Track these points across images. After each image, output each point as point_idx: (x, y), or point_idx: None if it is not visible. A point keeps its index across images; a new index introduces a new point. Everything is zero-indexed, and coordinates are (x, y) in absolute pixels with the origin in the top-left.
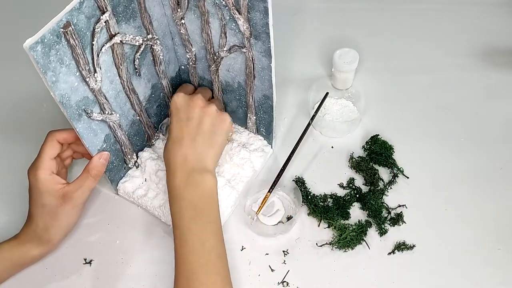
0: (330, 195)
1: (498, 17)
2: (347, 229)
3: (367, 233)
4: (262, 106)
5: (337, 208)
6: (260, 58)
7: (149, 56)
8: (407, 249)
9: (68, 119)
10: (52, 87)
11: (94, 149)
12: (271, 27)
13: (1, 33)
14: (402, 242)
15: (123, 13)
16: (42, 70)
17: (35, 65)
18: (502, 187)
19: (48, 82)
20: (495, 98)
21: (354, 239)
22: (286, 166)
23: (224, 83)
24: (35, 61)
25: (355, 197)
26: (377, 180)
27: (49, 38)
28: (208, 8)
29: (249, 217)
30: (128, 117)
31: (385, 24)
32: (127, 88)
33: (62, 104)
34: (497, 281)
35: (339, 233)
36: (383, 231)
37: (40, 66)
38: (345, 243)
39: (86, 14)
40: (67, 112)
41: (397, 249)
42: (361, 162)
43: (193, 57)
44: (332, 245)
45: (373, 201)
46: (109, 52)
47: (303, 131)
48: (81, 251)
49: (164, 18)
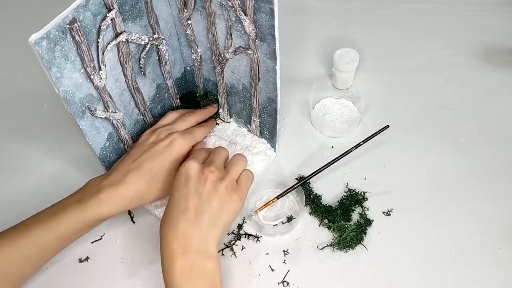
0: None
1: (498, 17)
2: (347, 229)
3: (366, 232)
4: (266, 109)
5: (340, 209)
6: (265, 60)
7: (154, 55)
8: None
9: (72, 116)
10: (56, 83)
11: (97, 147)
12: (277, 29)
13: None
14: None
15: (130, 12)
16: (47, 66)
17: (40, 60)
18: (502, 187)
19: (53, 78)
20: (495, 98)
21: (355, 239)
22: (307, 180)
23: (229, 85)
24: (40, 56)
25: (355, 200)
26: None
27: (55, 33)
28: (214, 9)
29: (249, 212)
30: (132, 116)
31: (385, 24)
32: (131, 87)
33: (66, 100)
34: (497, 281)
35: (339, 233)
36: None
37: (45, 62)
38: (346, 243)
39: (92, 11)
40: (71, 108)
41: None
42: None
43: (198, 58)
44: (333, 247)
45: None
46: (114, 50)
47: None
48: (81, 250)
49: (170, 18)
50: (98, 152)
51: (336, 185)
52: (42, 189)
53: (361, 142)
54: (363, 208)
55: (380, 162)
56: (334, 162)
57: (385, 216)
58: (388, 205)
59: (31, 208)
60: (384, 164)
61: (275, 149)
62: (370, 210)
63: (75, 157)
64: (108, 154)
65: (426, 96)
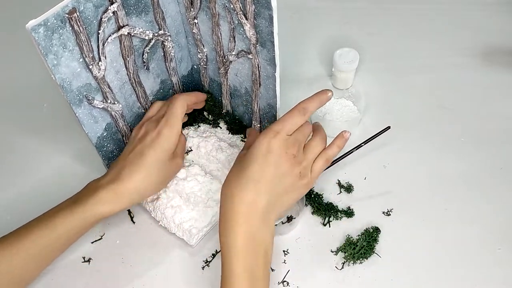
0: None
1: (498, 17)
2: (359, 241)
3: (377, 239)
4: (266, 114)
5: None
6: (265, 66)
7: (159, 51)
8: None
9: (68, 103)
10: (52, 70)
11: (94, 135)
12: (276, 36)
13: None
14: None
15: (135, 6)
16: (43, 52)
17: (36, 46)
18: (502, 187)
19: (49, 65)
20: (495, 98)
21: (368, 249)
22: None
23: (232, 87)
24: (37, 42)
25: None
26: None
27: (53, 22)
28: (218, 10)
29: None
30: (132, 109)
31: (385, 24)
32: (133, 80)
33: (62, 87)
34: (497, 281)
35: (351, 246)
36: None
37: (41, 48)
38: (360, 255)
39: (94, 3)
40: (67, 96)
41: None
42: None
43: (204, 57)
44: (347, 261)
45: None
46: (116, 42)
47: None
48: (81, 250)
49: (178, 16)
50: (94, 140)
51: (336, 185)
52: (43, 188)
53: (362, 143)
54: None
55: (380, 162)
56: (335, 162)
57: (385, 216)
58: (388, 205)
59: (32, 206)
60: (384, 164)
61: None
62: (370, 210)
63: (76, 156)
64: (105, 144)
65: (426, 96)
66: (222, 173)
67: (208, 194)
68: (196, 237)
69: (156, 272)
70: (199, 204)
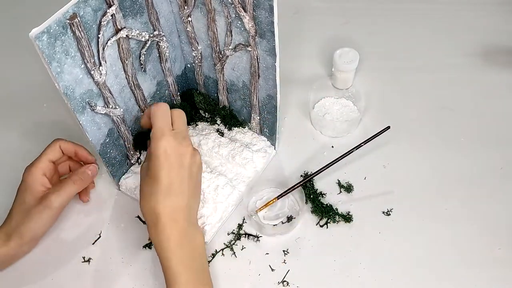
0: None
1: (498, 17)
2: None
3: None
4: (266, 106)
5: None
6: (264, 57)
7: (155, 52)
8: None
9: (72, 111)
10: (56, 78)
11: (97, 142)
12: (276, 26)
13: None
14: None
15: (130, 8)
16: (47, 60)
17: (40, 55)
18: (502, 187)
19: (53, 73)
20: (495, 98)
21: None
22: (308, 180)
23: (229, 82)
24: (41, 51)
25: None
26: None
27: (55, 28)
28: (214, 6)
29: (249, 212)
30: (132, 112)
31: (385, 24)
32: (132, 83)
33: (66, 95)
34: (497, 281)
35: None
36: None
37: (45, 56)
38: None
39: (93, 7)
40: (71, 103)
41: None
42: None
43: (199, 55)
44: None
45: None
46: (114, 46)
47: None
48: (81, 249)
49: (171, 15)
50: (98, 148)
51: (337, 185)
52: None
53: (362, 143)
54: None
55: (380, 162)
56: (335, 162)
57: (385, 216)
58: (388, 205)
59: None
60: (384, 164)
61: (275, 146)
62: (370, 210)
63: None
64: (108, 150)
65: (426, 96)
66: (226, 168)
67: (216, 190)
68: (210, 234)
69: (156, 272)
70: (209, 200)
